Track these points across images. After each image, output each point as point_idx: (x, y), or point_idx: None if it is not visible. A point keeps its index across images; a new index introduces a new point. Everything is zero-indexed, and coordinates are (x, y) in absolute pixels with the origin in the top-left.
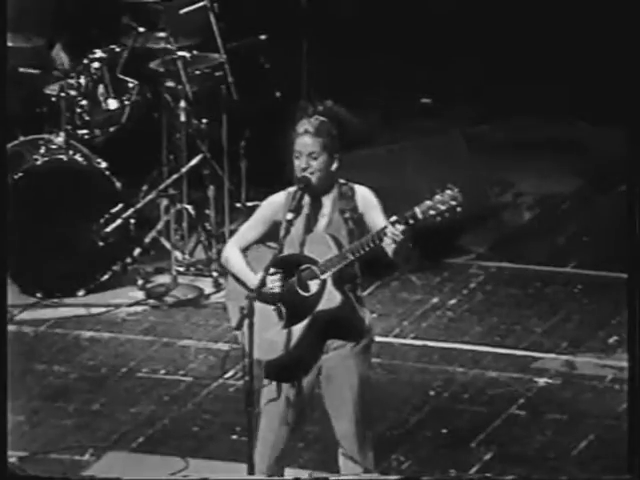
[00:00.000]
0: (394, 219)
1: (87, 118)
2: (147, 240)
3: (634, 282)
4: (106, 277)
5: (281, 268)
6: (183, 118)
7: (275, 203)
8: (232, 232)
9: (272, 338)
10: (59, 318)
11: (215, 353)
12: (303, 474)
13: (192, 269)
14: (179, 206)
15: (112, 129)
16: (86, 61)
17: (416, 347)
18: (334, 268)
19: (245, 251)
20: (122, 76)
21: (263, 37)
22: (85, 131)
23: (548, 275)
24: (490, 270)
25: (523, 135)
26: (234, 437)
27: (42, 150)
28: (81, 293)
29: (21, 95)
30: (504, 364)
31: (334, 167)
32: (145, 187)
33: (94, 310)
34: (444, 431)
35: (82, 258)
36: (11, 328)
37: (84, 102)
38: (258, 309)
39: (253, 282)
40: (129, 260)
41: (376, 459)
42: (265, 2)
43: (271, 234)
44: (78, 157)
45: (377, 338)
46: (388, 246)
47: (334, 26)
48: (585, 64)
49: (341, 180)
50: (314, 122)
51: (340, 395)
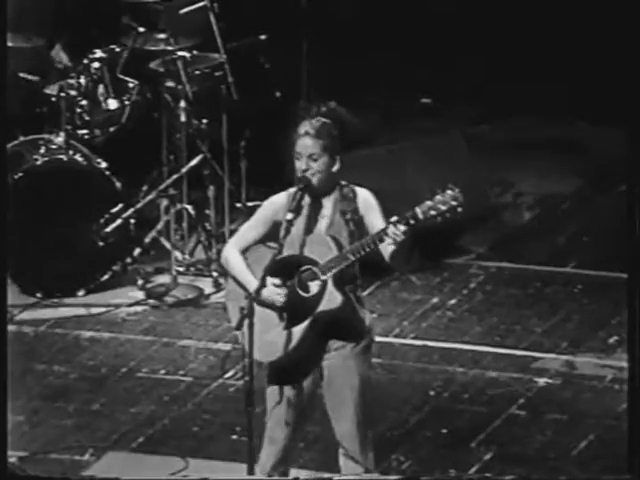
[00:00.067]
0: (395, 219)
1: (87, 118)
2: (147, 240)
3: (634, 282)
4: (106, 277)
5: (281, 269)
6: (183, 118)
7: (276, 203)
8: (232, 232)
9: (272, 339)
10: (59, 318)
11: (215, 353)
12: (303, 474)
13: (192, 269)
14: (179, 206)
15: (112, 129)
16: (86, 61)
17: (416, 347)
18: (335, 269)
19: (245, 251)
20: (122, 76)
21: (263, 37)
22: (85, 131)
23: (548, 275)
24: (490, 270)
25: (523, 135)
26: (234, 437)
27: (42, 150)
28: (81, 293)
29: (21, 95)
30: (504, 364)
31: (335, 169)
32: (145, 187)
33: (94, 310)
34: (444, 431)
35: (82, 258)
36: (11, 328)
37: (84, 102)
38: (258, 310)
39: (252, 285)
40: (129, 260)
41: (376, 459)
42: (265, 2)
43: (271, 234)
44: (78, 157)
45: (377, 338)
46: (386, 248)
47: (334, 26)
48: (585, 64)
49: (342, 182)
50: (315, 123)
51: (341, 395)
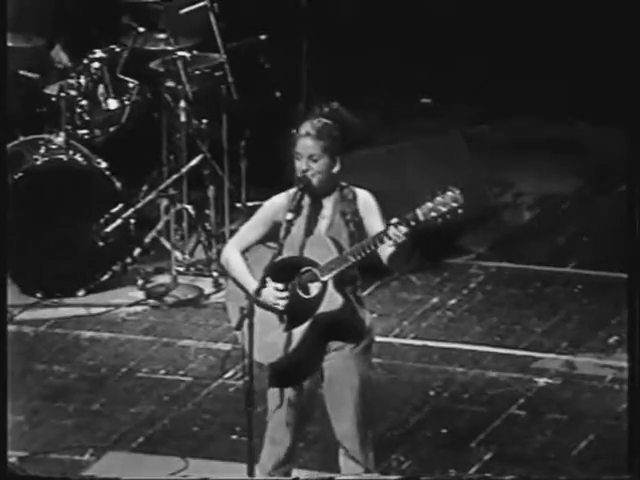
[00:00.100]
0: (395, 221)
1: (87, 118)
2: (147, 240)
3: (634, 282)
4: (106, 277)
5: (281, 270)
6: (183, 118)
7: (276, 204)
8: (232, 232)
9: (273, 341)
10: (59, 318)
11: (215, 353)
12: (303, 474)
13: (192, 269)
14: (179, 206)
15: (112, 129)
16: (86, 61)
17: (416, 347)
18: (335, 271)
19: (245, 252)
20: (122, 76)
21: (263, 37)
22: (85, 131)
23: (548, 275)
24: (490, 270)
25: (523, 135)
26: (234, 437)
27: (42, 150)
28: (81, 293)
29: (21, 95)
30: (504, 364)
31: (335, 170)
32: (145, 187)
33: (94, 310)
34: (444, 431)
35: (82, 258)
36: (11, 328)
37: (84, 102)
38: (258, 312)
39: (252, 286)
40: (129, 260)
41: (376, 459)
42: (265, 2)
43: (271, 235)
44: (78, 157)
45: (377, 338)
46: (384, 250)
47: (334, 26)
48: (585, 64)
49: (342, 183)
50: (316, 124)
51: (341, 395)
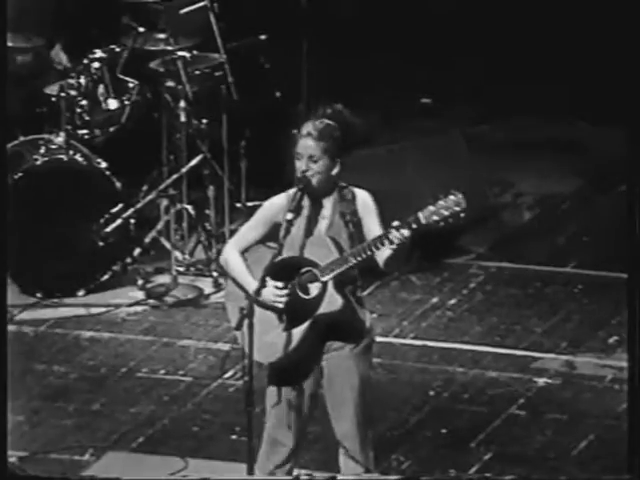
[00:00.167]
0: (397, 224)
1: (87, 118)
2: (147, 240)
3: (634, 282)
4: (106, 277)
5: (281, 271)
6: (183, 118)
7: (276, 204)
8: (232, 232)
9: (272, 341)
10: (59, 318)
11: (215, 353)
12: (303, 474)
13: (192, 269)
14: (179, 206)
15: (112, 129)
16: (86, 61)
17: (416, 347)
18: (335, 271)
19: (245, 252)
20: (122, 76)
21: (263, 37)
22: (85, 131)
23: (548, 275)
24: (490, 270)
25: (523, 135)
26: (234, 437)
27: (42, 150)
28: (81, 293)
29: (21, 95)
30: (504, 364)
31: (335, 171)
32: (145, 187)
33: (94, 310)
34: (444, 431)
35: (82, 258)
36: (11, 328)
37: (84, 102)
38: (258, 311)
39: (252, 286)
40: (129, 260)
41: (376, 459)
42: (265, 2)
43: (271, 235)
44: (78, 157)
45: (377, 338)
46: (381, 253)
47: (334, 26)
48: (585, 64)
49: (342, 183)
50: (318, 125)
51: (341, 395)
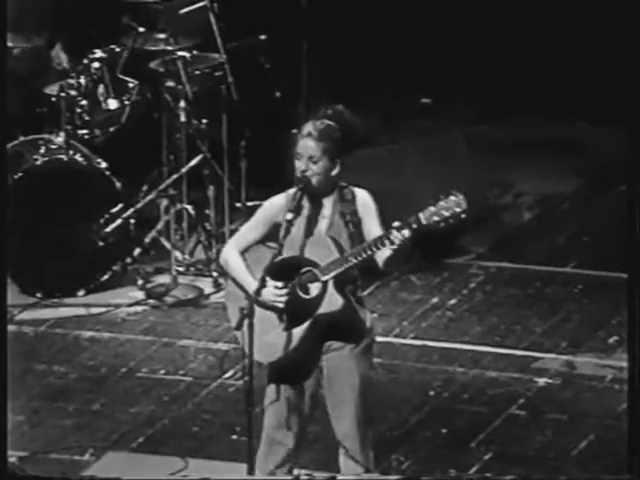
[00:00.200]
0: (397, 224)
1: (87, 118)
2: (147, 240)
3: (634, 282)
4: (106, 277)
5: (281, 270)
6: (183, 118)
7: (275, 204)
8: (232, 232)
9: (272, 341)
10: (59, 318)
11: (215, 353)
12: (303, 474)
13: (192, 269)
14: (179, 206)
15: (112, 129)
16: (86, 61)
17: (416, 347)
18: (335, 271)
19: (245, 252)
20: (122, 76)
21: (263, 37)
22: (85, 131)
23: (548, 275)
24: (490, 270)
25: (523, 135)
26: (234, 437)
27: (42, 150)
28: (81, 293)
29: (21, 95)
30: (504, 364)
31: (335, 172)
32: (145, 187)
33: (94, 310)
34: (444, 431)
35: (82, 258)
36: (11, 328)
37: (84, 102)
38: (258, 311)
39: (252, 286)
40: (129, 260)
41: (376, 459)
42: (265, 2)
43: (271, 236)
44: (78, 157)
45: (377, 338)
46: (381, 253)
47: (334, 26)
48: (585, 64)
49: (342, 183)
50: (319, 126)
51: (341, 395)
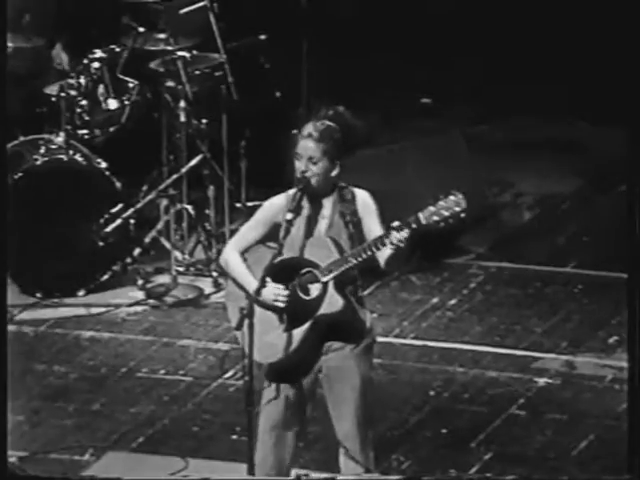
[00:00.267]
0: (397, 224)
1: (87, 118)
2: (147, 240)
3: (634, 282)
4: (106, 277)
5: (281, 271)
6: (183, 118)
7: (275, 205)
8: (232, 232)
9: (272, 341)
10: (59, 318)
11: (215, 353)
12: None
13: (192, 269)
14: (179, 206)
15: (112, 129)
16: (86, 61)
17: (416, 347)
18: (335, 272)
19: (245, 252)
20: (122, 76)
21: (263, 37)
22: (85, 131)
23: (548, 275)
24: (490, 270)
25: (523, 135)
26: (234, 437)
27: (42, 150)
28: (81, 293)
29: (21, 95)
30: (504, 364)
31: (334, 173)
32: (145, 187)
33: (94, 310)
34: (444, 431)
35: (82, 258)
36: (11, 328)
37: (84, 102)
38: (258, 312)
39: (253, 286)
40: (129, 260)
41: (377, 459)
42: (265, 2)
43: (271, 236)
44: (78, 157)
45: (377, 338)
46: (382, 252)
47: (334, 26)
48: (585, 64)
49: (341, 183)
50: (319, 127)
51: (342, 395)
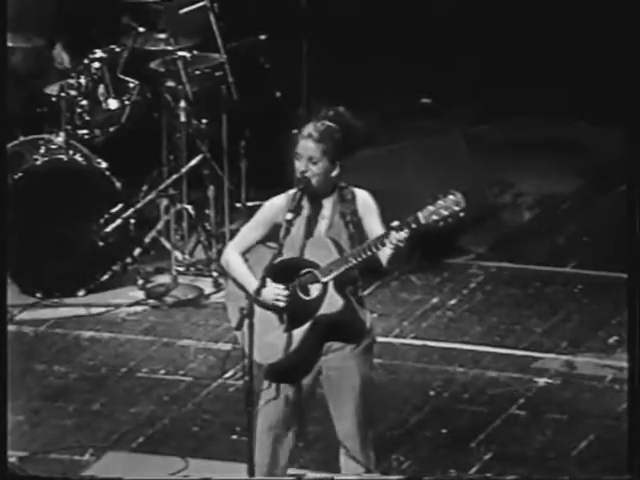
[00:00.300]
0: (396, 224)
1: (87, 118)
2: (147, 240)
3: (634, 282)
4: (106, 277)
5: (281, 271)
6: (183, 118)
7: (275, 205)
8: (232, 232)
9: (272, 341)
10: (59, 318)
11: (215, 353)
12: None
13: (192, 269)
14: (179, 206)
15: (112, 129)
16: (86, 61)
17: (416, 347)
18: (335, 272)
19: (246, 253)
20: (122, 76)
21: (263, 37)
22: (85, 131)
23: (548, 275)
24: (490, 270)
25: (523, 135)
26: (234, 437)
27: (42, 150)
28: (81, 293)
29: (21, 95)
30: (504, 364)
31: (334, 173)
32: (145, 187)
33: (94, 310)
34: (444, 431)
35: (82, 258)
36: (11, 328)
37: (84, 102)
38: (258, 312)
39: (253, 286)
40: (129, 260)
41: (377, 459)
42: (265, 2)
43: (272, 236)
44: (78, 157)
45: (377, 338)
46: (383, 252)
47: (334, 26)
48: (585, 64)
49: (342, 183)
50: (319, 127)
51: (342, 396)
